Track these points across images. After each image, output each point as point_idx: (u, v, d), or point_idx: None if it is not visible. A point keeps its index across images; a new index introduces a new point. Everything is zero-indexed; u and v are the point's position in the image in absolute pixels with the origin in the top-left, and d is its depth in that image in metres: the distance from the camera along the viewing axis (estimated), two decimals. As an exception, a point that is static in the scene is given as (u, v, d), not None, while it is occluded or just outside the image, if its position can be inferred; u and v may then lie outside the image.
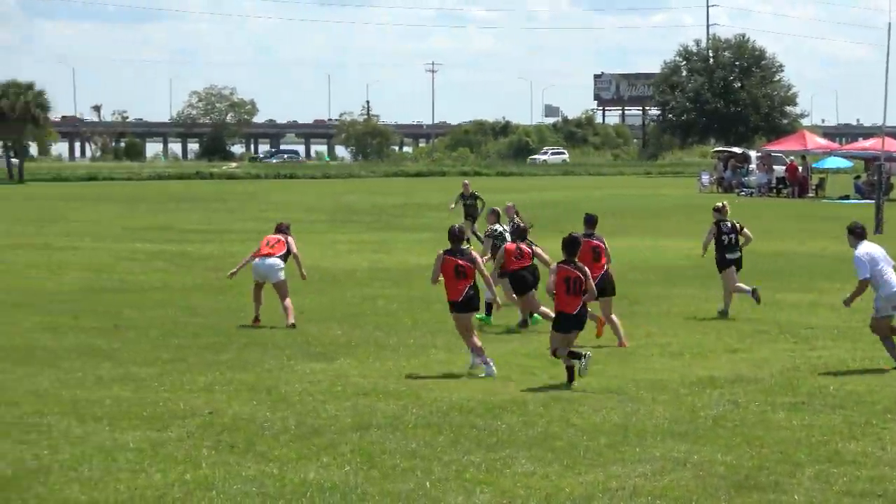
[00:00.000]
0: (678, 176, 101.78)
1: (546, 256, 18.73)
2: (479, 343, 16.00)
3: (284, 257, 20.37)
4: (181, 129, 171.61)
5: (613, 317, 18.37)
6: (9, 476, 10.65)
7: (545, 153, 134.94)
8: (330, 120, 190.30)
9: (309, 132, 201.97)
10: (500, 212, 21.36)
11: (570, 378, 15.03)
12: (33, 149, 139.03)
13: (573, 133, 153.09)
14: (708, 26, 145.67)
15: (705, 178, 74.87)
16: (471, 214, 35.26)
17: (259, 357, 17.01)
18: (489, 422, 12.89)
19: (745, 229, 21.70)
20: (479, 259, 16.26)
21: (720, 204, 21.94)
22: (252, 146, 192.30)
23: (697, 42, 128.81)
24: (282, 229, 20.81)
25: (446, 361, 16.36)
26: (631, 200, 60.43)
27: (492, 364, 15.71)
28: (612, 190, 73.25)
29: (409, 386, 14.95)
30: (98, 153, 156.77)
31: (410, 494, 10.22)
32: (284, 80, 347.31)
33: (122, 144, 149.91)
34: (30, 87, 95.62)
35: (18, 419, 12.92)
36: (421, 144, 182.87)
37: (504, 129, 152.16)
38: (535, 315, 19.50)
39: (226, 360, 16.83)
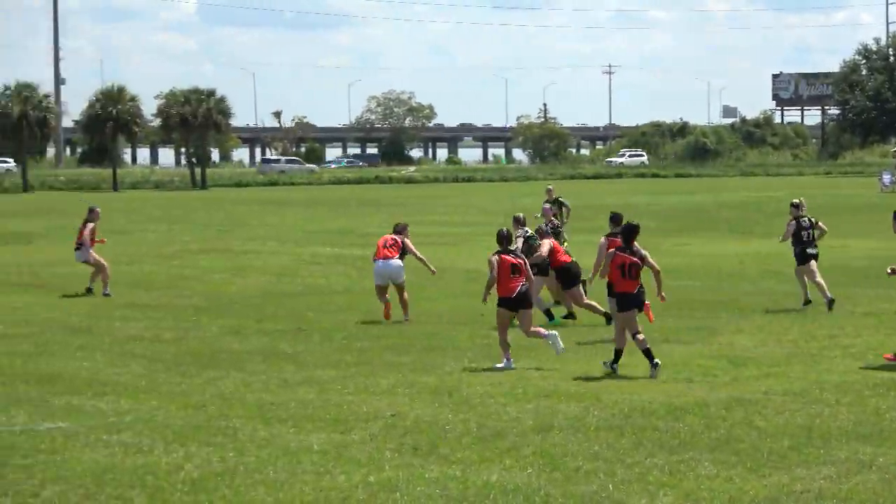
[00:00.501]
0: (859, 176, 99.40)
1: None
2: (509, 340, 16.73)
3: (402, 257, 21.11)
4: (360, 133, 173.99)
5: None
6: (196, 478, 10.89)
7: (622, 155, 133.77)
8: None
9: (486, 135, 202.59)
10: (522, 218, 21.91)
11: (651, 358, 15.74)
12: (215, 155, 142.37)
13: (751, 133, 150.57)
14: (888, 24, 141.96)
15: (886, 177, 72.98)
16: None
17: (440, 360, 17.12)
18: (671, 424, 12.74)
19: (820, 223, 22.45)
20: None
21: (797, 200, 22.87)
22: (430, 150, 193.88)
23: (877, 40, 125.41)
24: (398, 230, 21.32)
25: (627, 364, 16.23)
26: (812, 200, 59.08)
27: (512, 361, 16.57)
28: (793, 190, 71.81)
29: (590, 388, 14.87)
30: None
31: (593, 497, 10.16)
32: (461, 84, 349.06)
33: (303, 149, 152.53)
34: (211, 93, 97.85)
35: (205, 422, 13.21)
36: (598, 146, 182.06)
37: (681, 130, 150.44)
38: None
39: (408, 362, 16.98)
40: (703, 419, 12.96)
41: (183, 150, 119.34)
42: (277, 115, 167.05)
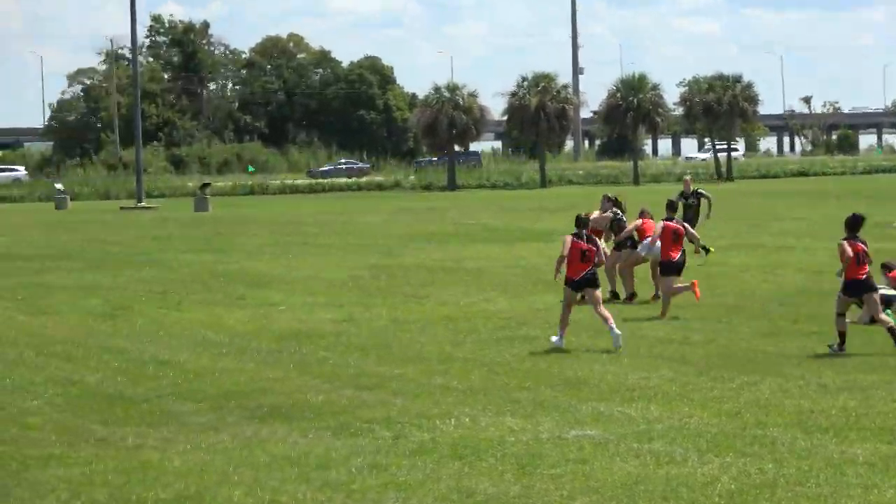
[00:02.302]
0: None
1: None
2: (568, 320, 19.30)
3: None
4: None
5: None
6: (733, 490, 10.88)
7: None
8: None
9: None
10: (613, 197, 26.48)
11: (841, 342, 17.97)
12: (741, 145, 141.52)
13: None
14: None
15: None
16: (690, 215, 31.96)
17: None
18: None
19: None
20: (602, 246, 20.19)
21: None
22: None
23: None
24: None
25: None
26: None
27: (561, 340, 19.03)
28: None
29: None
30: (808, 147, 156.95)
31: None
32: None
33: (834, 137, 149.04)
34: (737, 79, 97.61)
35: (741, 430, 13.19)
36: None
37: None
38: None
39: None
40: None
41: (707, 139, 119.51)
42: (807, 100, 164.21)
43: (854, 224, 18.49)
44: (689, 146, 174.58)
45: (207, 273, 31.71)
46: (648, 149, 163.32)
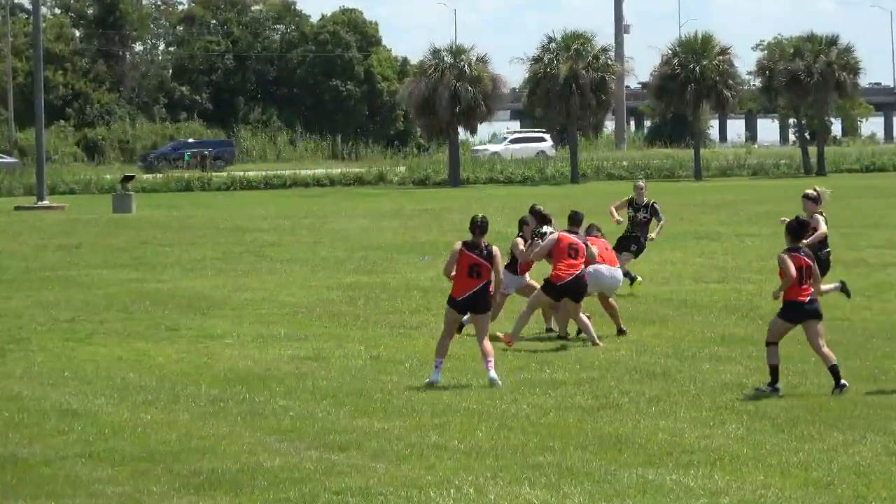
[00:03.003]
0: None
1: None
2: (446, 349, 20.58)
3: None
4: None
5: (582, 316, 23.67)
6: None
7: None
8: None
9: None
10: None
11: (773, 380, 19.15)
12: (836, 128, 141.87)
13: None
14: None
15: None
16: (638, 234, 30.77)
17: None
18: None
19: None
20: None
21: None
22: None
23: None
24: None
25: None
26: None
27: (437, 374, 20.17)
28: None
29: None
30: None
31: None
32: None
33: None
34: (832, 41, 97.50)
35: (834, 505, 13.22)
36: None
37: None
38: None
39: None
40: None
41: (792, 121, 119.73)
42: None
43: (799, 231, 19.54)
44: (767, 129, 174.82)
45: (129, 295, 31.71)
46: (714, 132, 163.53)
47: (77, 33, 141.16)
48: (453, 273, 20.41)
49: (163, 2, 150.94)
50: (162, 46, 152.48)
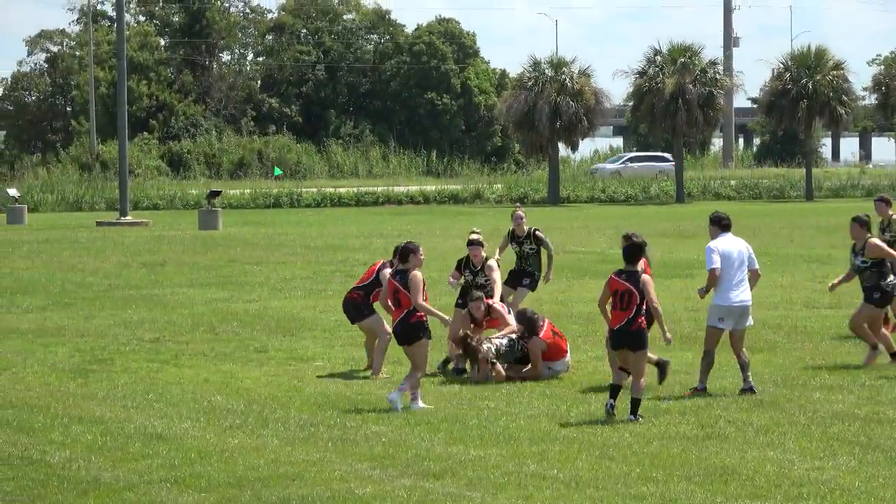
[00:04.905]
0: None
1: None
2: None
3: None
4: None
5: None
6: None
7: None
8: None
9: None
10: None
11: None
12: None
13: None
14: None
15: None
16: (527, 267, 28.52)
17: None
18: None
19: None
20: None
21: None
22: None
23: None
24: None
25: None
26: None
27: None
28: None
29: None
30: None
31: None
32: None
33: None
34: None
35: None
36: None
37: None
38: None
39: None
40: None
41: None
42: None
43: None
44: (882, 148, 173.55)
45: (216, 315, 31.96)
46: (826, 151, 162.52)
47: (162, 42, 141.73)
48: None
49: (251, 10, 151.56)
50: (250, 56, 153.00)
